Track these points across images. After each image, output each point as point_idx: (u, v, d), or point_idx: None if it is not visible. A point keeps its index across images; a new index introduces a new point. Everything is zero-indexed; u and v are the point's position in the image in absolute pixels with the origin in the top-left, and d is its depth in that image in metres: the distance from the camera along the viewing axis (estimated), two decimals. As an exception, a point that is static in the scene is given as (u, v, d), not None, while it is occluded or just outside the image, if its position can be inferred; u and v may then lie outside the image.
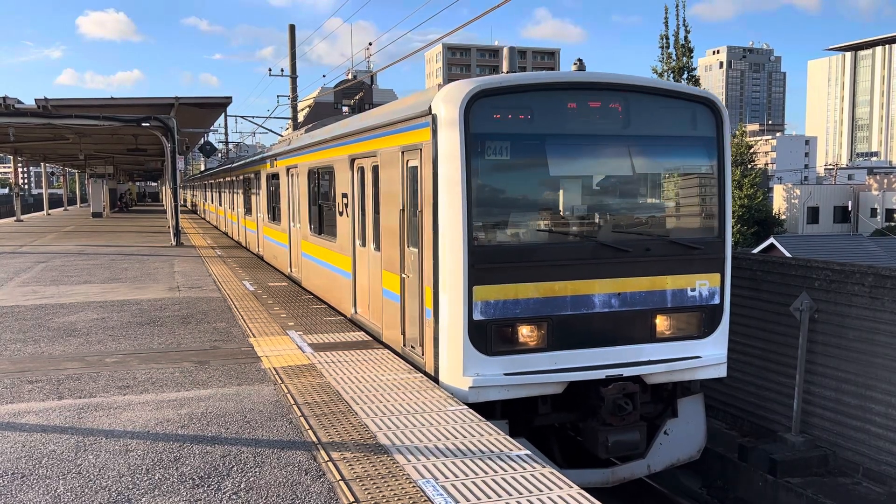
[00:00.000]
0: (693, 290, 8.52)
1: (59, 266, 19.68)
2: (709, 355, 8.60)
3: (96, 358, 9.39)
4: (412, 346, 8.86)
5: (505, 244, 8.07)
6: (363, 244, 10.83)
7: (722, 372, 8.74)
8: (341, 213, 11.83)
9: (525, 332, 7.93)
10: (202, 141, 42.99)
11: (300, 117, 45.81)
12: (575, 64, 8.94)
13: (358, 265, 11.13)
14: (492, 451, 5.92)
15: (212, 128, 44.91)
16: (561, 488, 5.21)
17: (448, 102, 7.74)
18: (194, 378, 8.38)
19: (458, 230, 7.66)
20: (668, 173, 9.00)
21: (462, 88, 7.74)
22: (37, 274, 18.02)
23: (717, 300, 8.64)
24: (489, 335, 7.77)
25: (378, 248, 10.06)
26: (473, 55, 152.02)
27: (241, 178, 26.04)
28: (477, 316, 7.73)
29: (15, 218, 44.55)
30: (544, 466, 5.62)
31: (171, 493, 5.31)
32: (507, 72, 8.86)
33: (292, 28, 40.36)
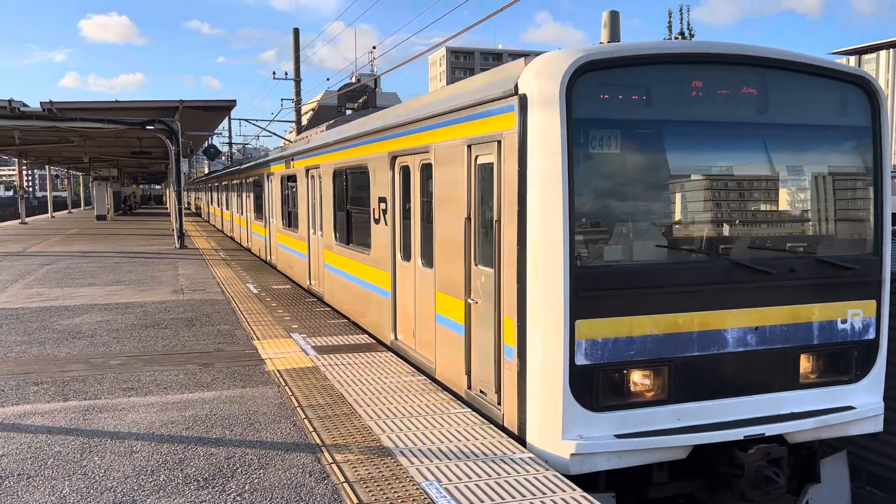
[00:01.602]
0: (844, 321, 6.81)
1: (64, 268, 19.75)
2: (863, 404, 6.84)
3: (101, 360, 9.42)
4: (482, 392, 7.14)
5: (616, 265, 6.21)
6: (406, 258, 9.28)
7: (878, 425, 6.92)
8: (377, 221, 10.27)
9: (641, 380, 6.24)
10: (206, 144, 43.14)
11: (304, 121, 45.89)
12: (678, 37, 7.01)
13: (400, 283, 9.58)
14: (495, 454, 5.94)
15: (216, 131, 45.04)
16: (564, 491, 5.23)
17: (544, 78, 6.02)
18: (199, 380, 8.41)
19: (555, 246, 5.91)
20: (812, 173, 7.04)
21: (563, 60, 5.99)
22: (41, 276, 18.08)
23: (871, 334, 6.90)
24: (596, 385, 6.06)
25: (429, 264, 8.43)
26: (477, 58, 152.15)
27: (252, 180, 24.56)
28: (580, 359, 6.00)
29: (20, 220, 44.70)
30: (547, 469, 5.64)
31: (175, 494, 5.33)
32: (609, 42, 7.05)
33: (296, 32, 40.48)
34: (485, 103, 6.89)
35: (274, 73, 42.49)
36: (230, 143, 63.52)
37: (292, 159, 17.08)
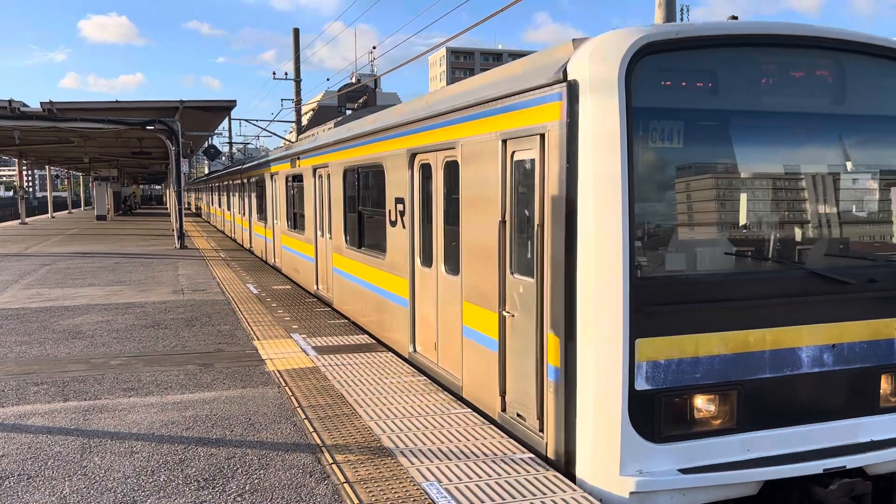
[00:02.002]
0: None
1: (64, 269, 19.75)
2: None
3: (101, 360, 9.42)
4: (519, 416, 6.39)
5: (680, 275, 5.53)
6: (427, 264, 8.59)
7: None
8: (393, 224, 9.56)
9: (707, 407, 5.56)
10: (206, 144, 43.14)
11: (304, 121, 45.90)
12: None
13: (419, 291, 8.85)
14: (495, 454, 5.94)
15: (216, 131, 45.05)
16: (565, 491, 5.22)
17: (601, 61, 5.32)
18: (199, 380, 8.41)
19: (612, 254, 5.23)
20: (891, 171, 6.34)
21: (622, 40, 5.31)
22: (42, 276, 18.08)
23: None
24: (658, 413, 5.39)
25: (454, 271, 7.78)
26: (477, 59, 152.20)
27: (254, 180, 23.71)
28: (641, 384, 5.32)
29: (20, 221, 44.71)
30: (548, 470, 5.64)
31: (176, 494, 5.33)
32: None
33: (296, 32, 40.49)
34: (523, 92, 6.13)
35: (274, 73, 42.53)
36: (230, 143, 63.55)
37: (298, 158, 16.31)
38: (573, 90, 5.48)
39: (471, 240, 7.29)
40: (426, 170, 8.57)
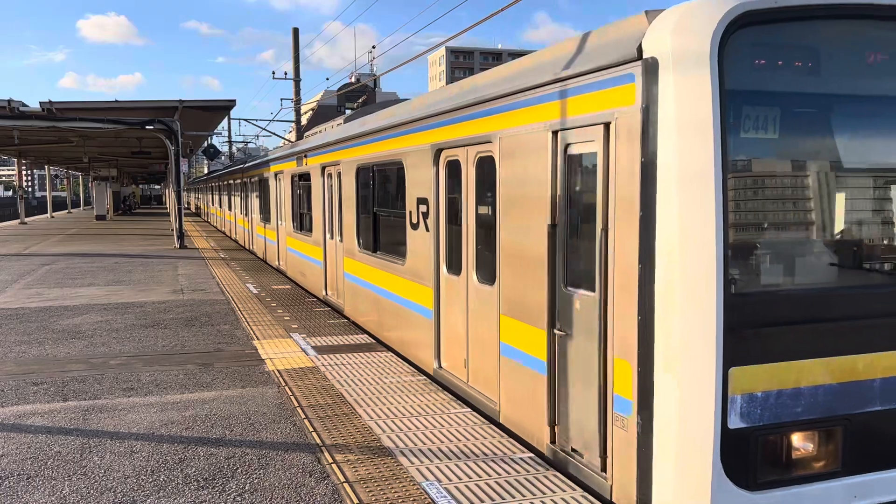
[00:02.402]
0: None
1: (64, 269, 19.74)
2: None
3: (101, 360, 9.42)
4: (574, 451, 5.60)
5: (780, 291, 4.75)
6: (455, 271, 7.82)
7: None
8: (415, 226, 8.78)
9: (808, 446, 4.75)
10: (206, 144, 43.12)
11: (303, 120, 45.88)
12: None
13: (446, 301, 8.07)
14: (495, 454, 5.94)
15: (215, 131, 45.04)
16: (564, 491, 5.22)
17: (688, 34, 4.49)
18: (198, 380, 8.41)
19: (702, 265, 4.39)
20: None
21: (713, 9, 4.47)
22: (41, 276, 18.08)
23: None
24: (754, 455, 4.59)
25: (488, 280, 7.04)
26: (477, 58, 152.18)
27: (257, 179, 22.84)
28: (735, 421, 4.50)
29: (19, 220, 44.72)
30: (548, 469, 5.64)
31: (175, 494, 5.33)
32: None
33: (296, 31, 40.46)
34: (581, 75, 5.32)
35: (273, 72, 42.52)
36: (230, 143, 63.56)
37: (305, 156, 15.37)
38: (651, 69, 4.60)
39: (511, 246, 6.47)
40: (454, 167, 7.79)
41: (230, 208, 33.07)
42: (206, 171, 70.52)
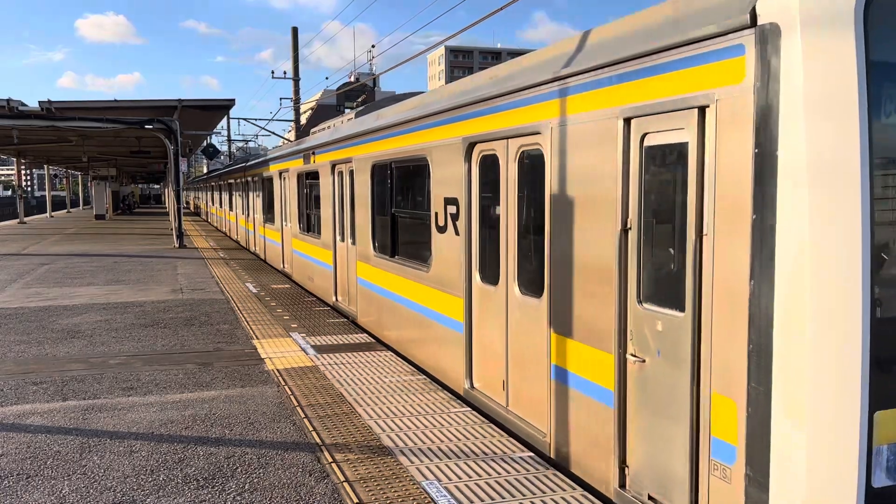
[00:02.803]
0: None
1: (63, 268, 19.73)
2: None
3: (100, 359, 9.41)
4: (652, 499, 4.77)
5: None
6: (490, 281, 6.99)
7: None
8: (441, 229, 8.02)
9: None
10: (205, 143, 43.10)
11: (302, 119, 45.85)
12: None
13: (479, 314, 7.22)
14: (495, 453, 5.93)
15: (215, 130, 45.02)
16: (564, 490, 5.22)
17: None
18: (198, 380, 8.40)
19: (840, 282, 3.61)
20: None
21: None
22: (40, 276, 18.07)
23: None
24: None
25: (534, 291, 6.22)
26: (476, 57, 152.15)
27: (261, 178, 21.91)
28: (881, 478, 3.70)
29: (18, 220, 44.69)
30: (548, 468, 5.63)
31: (175, 493, 5.32)
32: None
33: (295, 31, 40.46)
34: (666, 51, 4.48)
35: (273, 72, 42.52)
36: (229, 141, 63.53)
37: (313, 153, 14.38)
38: (769, 38, 3.74)
39: (564, 253, 5.59)
40: (490, 163, 6.93)
41: (231, 208, 32.15)
42: (205, 170, 70.48)
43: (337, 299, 13.11)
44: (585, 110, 5.33)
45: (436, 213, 8.19)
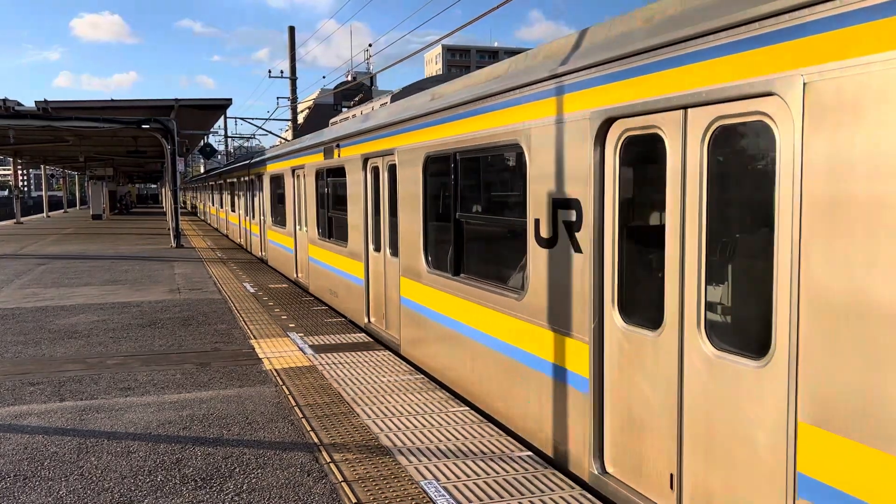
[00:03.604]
0: None
1: (60, 268, 19.69)
2: None
3: (97, 360, 9.39)
4: None
5: None
6: (644, 321, 4.89)
7: None
8: (548, 242, 5.90)
9: None
10: (202, 143, 43.04)
11: (300, 119, 45.81)
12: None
13: (618, 366, 5.13)
14: (493, 453, 5.92)
15: (212, 130, 44.96)
16: (563, 489, 5.21)
17: None
18: (196, 380, 8.38)
19: None
20: None
21: None
22: (37, 276, 18.03)
23: None
24: None
25: (748, 348, 4.07)
26: (473, 56, 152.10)
27: (267, 176, 20.09)
28: None
29: (15, 220, 44.61)
30: (546, 467, 5.62)
31: (173, 494, 5.31)
32: None
33: (292, 30, 40.41)
34: None
35: (270, 71, 42.52)
36: (226, 139, 63.44)
37: (338, 146, 12.36)
38: None
39: (836, 289, 3.41)
40: (645, 147, 4.90)
41: (233, 209, 30.02)
42: (202, 170, 70.38)
43: (370, 320, 11.17)
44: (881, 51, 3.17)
45: (536, 221, 6.04)
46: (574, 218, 5.55)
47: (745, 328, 4.22)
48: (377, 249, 10.74)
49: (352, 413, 7.01)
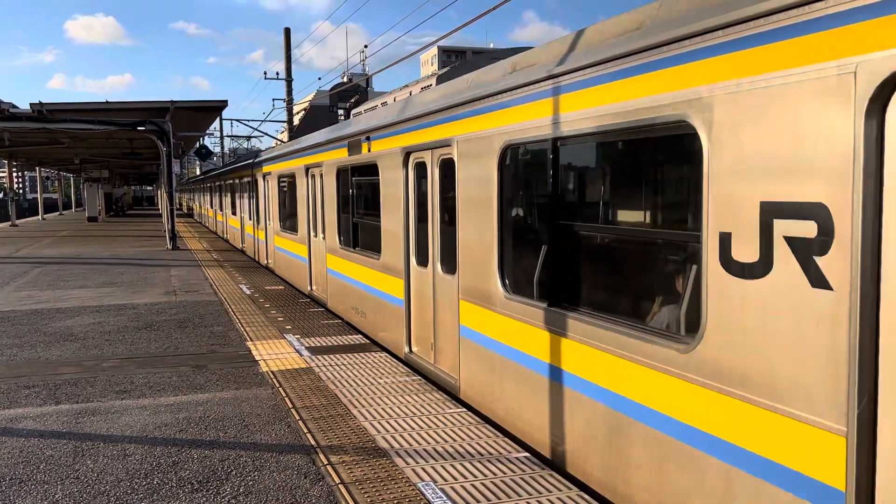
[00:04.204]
0: None
1: (55, 271, 19.64)
2: None
3: (93, 362, 9.36)
4: None
5: None
6: None
7: None
8: (760, 269, 3.85)
9: None
10: (197, 145, 42.98)
11: (295, 120, 45.77)
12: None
13: None
14: (490, 454, 5.92)
15: (207, 131, 44.90)
16: (560, 490, 5.21)
17: None
18: (192, 382, 8.36)
19: None
20: None
21: None
22: (33, 279, 17.97)
23: None
24: None
25: None
26: (469, 58, 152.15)
27: (274, 176, 18.16)
28: None
29: (10, 223, 44.48)
30: (543, 469, 5.62)
31: (169, 497, 5.29)
32: None
33: (287, 31, 40.37)
34: None
35: (265, 73, 42.53)
36: (221, 140, 63.36)
37: (368, 139, 10.38)
38: None
39: None
40: None
41: (234, 212, 28.13)
42: (198, 171, 70.27)
43: (412, 350, 9.16)
44: None
45: (723, 236, 4.07)
46: (814, 233, 3.53)
47: None
48: (423, 264, 8.71)
49: (349, 415, 6.99)
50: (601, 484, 5.30)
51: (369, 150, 10.33)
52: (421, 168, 8.70)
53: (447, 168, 7.95)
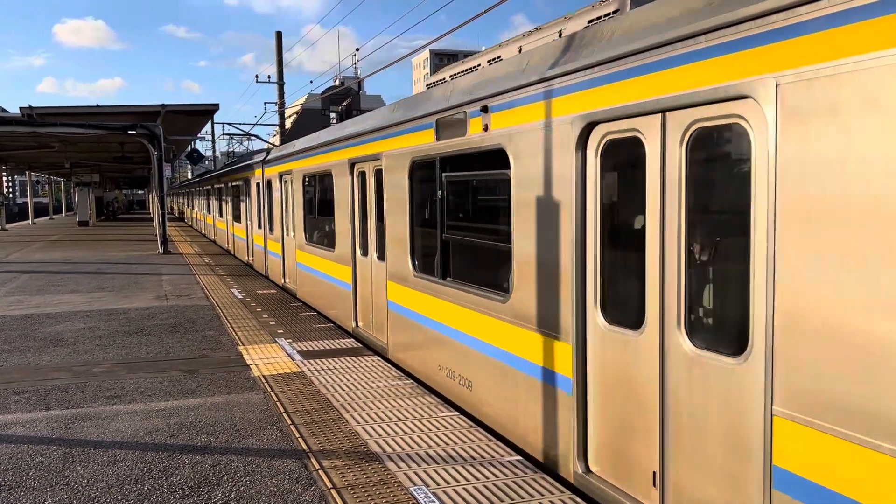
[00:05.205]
0: None
1: (46, 275, 19.54)
2: None
3: (84, 368, 9.31)
4: None
5: None
6: None
7: None
8: None
9: None
10: (189, 148, 42.87)
11: (287, 124, 45.72)
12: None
13: None
14: (483, 457, 5.91)
15: (199, 135, 44.82)
16: (553, 494, 5.21)
17: None
18: (183, 387, 8.32)
19: None
20: None
21: None
22: (23, 283, 17.87)
23: None
24: None
25: None
26: (460, 60, 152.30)
27: (299, 176, 14.60)
28: None
29: (0, 228, 44.23)
30: (536, 472, 5.62)
31: (160, 503, 5.26)
32: None
33: (279, 35, 40.33)
34: None
35: (257, 76, 42.38)
36: (213, 143, 63.21)
37: (486, 108, 6.60)
38: None
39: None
40: None
41: (237, 220, 24.70)
42: (189, 175, 70.03)
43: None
44: None
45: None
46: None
47: None
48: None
49: (340, 419, 6.98)
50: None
51: (486, 129, 6.79)
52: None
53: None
